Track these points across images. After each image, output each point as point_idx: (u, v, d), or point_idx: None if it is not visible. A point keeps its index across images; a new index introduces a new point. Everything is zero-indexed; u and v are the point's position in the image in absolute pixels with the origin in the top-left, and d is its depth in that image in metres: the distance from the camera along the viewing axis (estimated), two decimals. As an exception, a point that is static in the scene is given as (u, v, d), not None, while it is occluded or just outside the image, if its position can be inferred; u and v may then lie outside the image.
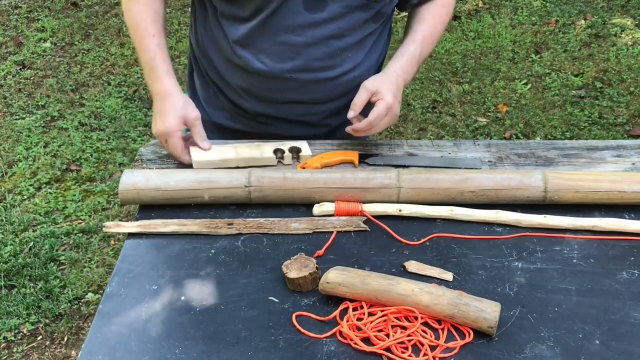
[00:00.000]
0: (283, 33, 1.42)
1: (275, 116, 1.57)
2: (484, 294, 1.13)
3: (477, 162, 1.45)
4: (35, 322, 2.48)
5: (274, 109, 1.55)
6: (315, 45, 1.43)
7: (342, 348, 1.05)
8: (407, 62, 1.47)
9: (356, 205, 1.31)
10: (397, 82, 1.43)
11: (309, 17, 1.40)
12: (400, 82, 1.44)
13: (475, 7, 4.69)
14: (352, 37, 1.46)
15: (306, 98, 1.52)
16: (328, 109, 1.57)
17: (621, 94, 3.77)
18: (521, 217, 1.28)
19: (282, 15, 1.40)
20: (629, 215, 1.30)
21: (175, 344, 1.06)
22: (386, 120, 1.41)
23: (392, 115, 1.41)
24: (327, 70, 1.48)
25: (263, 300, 1.14)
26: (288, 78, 1.47)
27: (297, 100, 1.53)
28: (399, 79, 1.44)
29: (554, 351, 1.04)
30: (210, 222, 1.29)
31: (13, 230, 2.86)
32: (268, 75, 1.47)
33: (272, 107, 1.55)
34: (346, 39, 1.45)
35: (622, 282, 1.17)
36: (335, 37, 1.44)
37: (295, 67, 1.46)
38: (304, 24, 1.41)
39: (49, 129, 3.55)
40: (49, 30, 4.42)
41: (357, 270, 1.13)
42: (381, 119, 1.40)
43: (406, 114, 3.64)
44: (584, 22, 4.44)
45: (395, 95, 1.41)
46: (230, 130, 1.65)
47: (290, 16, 1.40)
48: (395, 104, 1.41)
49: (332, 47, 1.45)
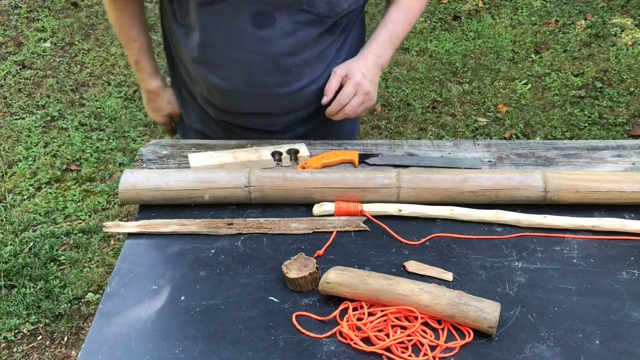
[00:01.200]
0: (233, 50, 1.39)
1: (238, 124, 1.57)
2: (484, 294, 1.13)
3: (477, 162, 1.45)
4: (35, 322, 2.48)
5: (236, 118, 1.55)
6: (267, 62, 1.40)
7: (342, 348, 1.05)
8: (377, 45, 1.47)
9: (356, 205, 1.31)
10: (367, 63, 1.44)
11: (258, 34, 1.36)
12: (370, 63, 1.45)
13: (475, 7, 4.69)
14: (307, 53, 1.42)
15: (265, 111, 1.51)
16: (291, 120, 1.56)
17: (621, 94, 3.77)
18: (521, 217, 1.28)
19: (231, 30, 1.37)
20: (629, 215, 1.30)
21: (175, 344, 1.06)
22: (358, 99, 1.42)
23: (362, 92, 1.42)
24: (282, 87, 1.45)
25: (263, 300, 1.14)
26: (243, 92, 1.45)
27: (256, 112, 1.52)
28: (369, 60, 1.45)
29: (554, 351, 1.04)
30: (210, 222, 1.29)
31: (13, 230, 2.86)
32: (223, 89, 1.46)
33: (233, 117, 1.55)
34: (300, 55, 1.41)
35: (622, 282, 1.17)
36: (288, 54, 1.40)
37: (249, 83, 1.44)
38: (252, 40, 1.37)
39: (49, 129, 3.55)
40: (49, 30, 4.42)
41: (357, 270, 1.13)
42: (349, 97, 1.41)
43: (406, 114, 3.65)
44: (584, 22, 4.44)
45: (365, 74, 1.42)
46: (199, 133, 1.66)
47: (238, 32, 1.37)
48: (363, 81, 1.41)
49: (285, 64, 1.41)
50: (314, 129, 1.62)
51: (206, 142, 1.55)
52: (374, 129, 3.55)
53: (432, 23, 4.51)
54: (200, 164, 1.42)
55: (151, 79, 1.61)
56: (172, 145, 1.54)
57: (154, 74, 1.62)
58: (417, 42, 4.29)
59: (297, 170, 1.37)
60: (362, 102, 1.43)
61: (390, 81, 3.92)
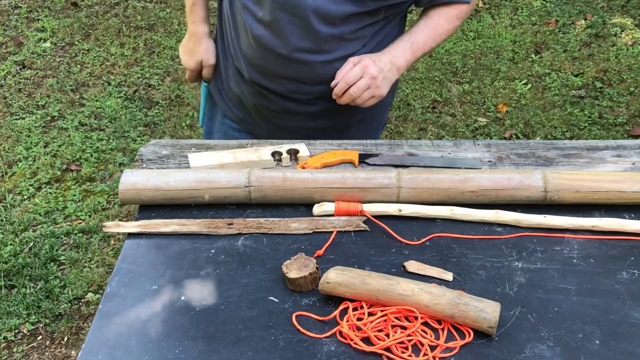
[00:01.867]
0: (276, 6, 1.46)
1: (267, 87, 1.62)
2: (484, 294, 1.13)
3: (477, 162, 1.45)
4: (35, 322, 2.48)
5: (266, 79, 1.60)
6: (303, 25, 1.47)
7: (342, 348, 1.05)
8: (396, 47, 1.53)
9: (356, 205, 1.31)
10: (382, 57, 1.49)
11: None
12: (384, 58, 1.49)
13: (475, 7, 4.69)
14: (343, 27, 1.48)
15: (294, 75, 1.56)
16: (318, 92, 1.59)
17: (621, 94, 3.77)
18: (521, 217, 1.28)
19: None
20: (629, 215, 1.30)
21: (175, 344, 1.06)
22: (364, 82, 1.45)
23: (369, 76, 1.45)
24: (315, 54, 1.51)
25: (263, 300, 1.14)
26: (279, 54, 1.52)
27: (285, 75, 1.57)
28: (383, 56, 1.50)
29: (554, 351, 1.04)
30: (210, 222, 1.29)
31: (13, 230, 2.86)
32: (262, 41, 1.53)
33: (264, 78, 1.60)
34: (339, 28, 1.48)
35: (622, 282, 1.17)
36: (326, 22, 1.47)
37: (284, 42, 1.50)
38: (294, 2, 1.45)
39: (49, 129, 3.55)
40: (49, 30, 4.42)
41: (357, 270, 1.13)
42: (356, 78, 1.45)
43: (406, 114, 3.65)
44: (584, 22, 4.44)
45: (375, 62, 1.46)
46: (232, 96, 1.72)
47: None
48: (371, 65, 1.45)
49: (321, 33, 1.48)
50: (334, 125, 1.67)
51: (206, 142, 1.55)
52: (374, 129, 3.55)
53: (432, 23, 4.51)
54: (200, 164, 1.42)
55: (200, 23, 1.72)
56: (172, 145, 1.54)
57: (204, 20, 1.72)
58: (417, 42, 4.28)
59: (297, 170, 1.37)
60: (368, 86, 1.46)
61: (390, 81, 3.92)
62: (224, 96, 1.75)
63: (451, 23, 1.59)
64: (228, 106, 1.75)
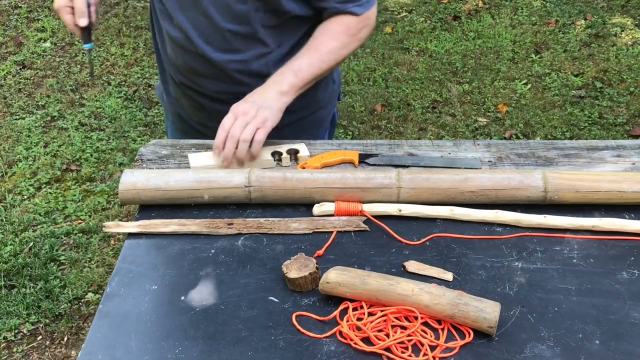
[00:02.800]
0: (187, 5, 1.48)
1: (192, 88, 1.62)
2: (484, 294, 1.13)
3: (477, 162, 1.45)
4: (35, 322, 2.48)
5: (188, 80, 1.61)
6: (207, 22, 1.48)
7: (342, 348, 1.05)
8: (278, 73, 1.47)
9: (356, 205, 1.31)
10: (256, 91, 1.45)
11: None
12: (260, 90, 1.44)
13: (475, 7, 4.69)
14: (244, 27, 1.48)
15: (216, 76, 1.57)
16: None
17: (621, 94, 3.77)
18: (521, 217, 1.28)
19: None
20: (629, 215, 1.30)
21: (175, 344, 1.06)
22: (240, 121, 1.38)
23: (242, 115, 1.39)
24: (228, 53, 1.52)
25: (263, 300, 1.14)
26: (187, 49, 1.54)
27: (208, 76, 1.57)
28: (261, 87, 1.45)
29: (554, 351, 1.04)
30: (210, 222, 1.29)
31: (13, 230, 2.86)
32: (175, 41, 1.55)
33: (187, 79, 1.61)
34: (245, 26, 1.48)
35: (622, 282, 1.17)
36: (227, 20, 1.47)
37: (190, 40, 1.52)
38: None
39: (49, 129, 3.55)
40: (49, 30, 4.42)
41: (357, 270, 1.13)
42: (231, 122, 1.38)
43: (406, 114, 3.65)
44: (584, 22, 4.44)
45: (246, 99, 1.42)
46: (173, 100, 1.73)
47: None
48: (240, 106, 1.40)
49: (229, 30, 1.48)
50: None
51: (206, 142, 1.55)
52: (374, 129, 3.55)
53: (432, 23, 4.52)
54: (200, 164, 1.42)
55: None
56: (172, 145, 1.54)
57: None
58: (417, 42, 4.29)
59: (297, 170, 1.37)
60: (246, 122, 1.38)
61: (390, 81, 3.93)
62: (167, 100, 1.78)
63: (337, 40, 1.50)
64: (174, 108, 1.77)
